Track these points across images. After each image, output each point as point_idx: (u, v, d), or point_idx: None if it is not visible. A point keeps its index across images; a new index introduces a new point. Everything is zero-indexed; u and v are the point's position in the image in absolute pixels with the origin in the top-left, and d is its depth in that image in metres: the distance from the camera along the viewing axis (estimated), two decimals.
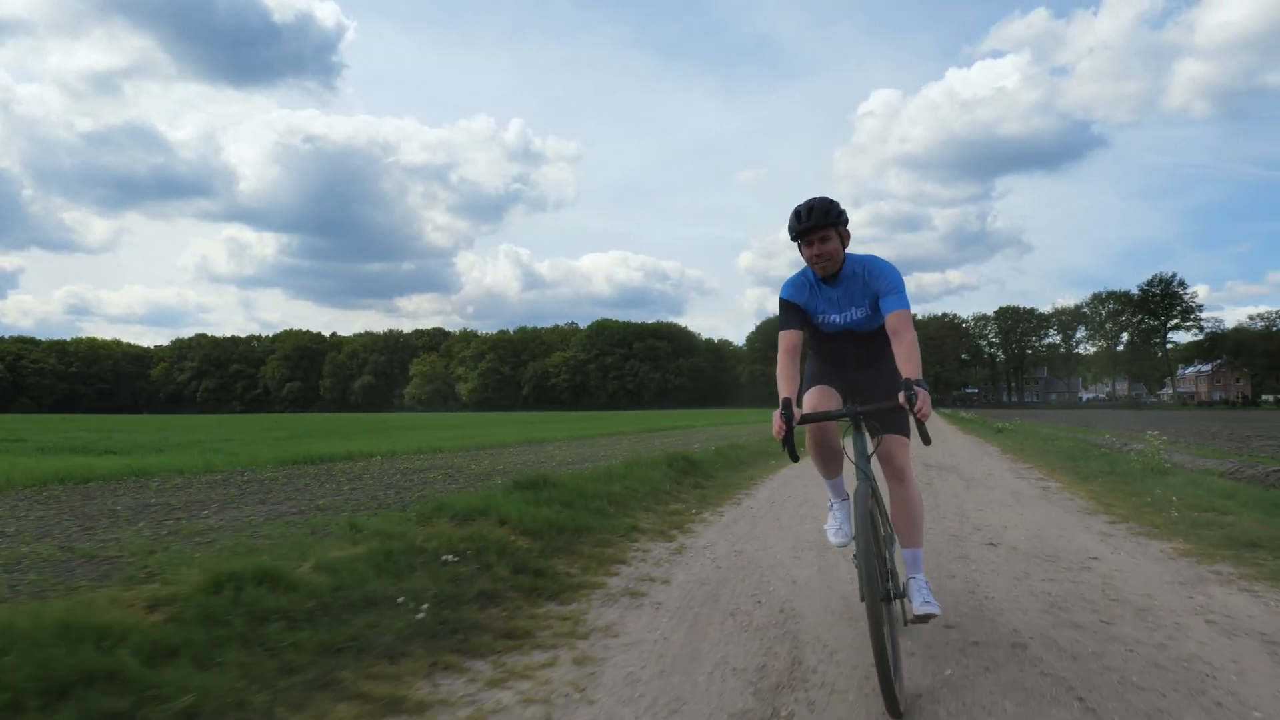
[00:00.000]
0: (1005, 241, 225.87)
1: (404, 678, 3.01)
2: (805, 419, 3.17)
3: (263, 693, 2.70)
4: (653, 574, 5.01)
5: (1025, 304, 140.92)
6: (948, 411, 70.95)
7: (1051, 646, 3.53)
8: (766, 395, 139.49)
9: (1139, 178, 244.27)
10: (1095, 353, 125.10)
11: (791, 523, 7.05)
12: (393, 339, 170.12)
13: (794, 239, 3.41)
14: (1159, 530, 6.58)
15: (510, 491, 6.89)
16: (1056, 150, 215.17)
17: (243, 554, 4.37)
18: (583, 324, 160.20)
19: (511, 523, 5.55)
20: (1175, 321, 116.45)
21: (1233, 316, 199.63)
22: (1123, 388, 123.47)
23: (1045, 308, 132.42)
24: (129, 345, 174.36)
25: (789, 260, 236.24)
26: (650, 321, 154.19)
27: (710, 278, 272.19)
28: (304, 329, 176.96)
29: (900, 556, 3.44)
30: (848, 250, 3.44)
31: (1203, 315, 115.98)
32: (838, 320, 3.50)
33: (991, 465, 13.71)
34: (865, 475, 3.12)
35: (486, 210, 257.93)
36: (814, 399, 3.65)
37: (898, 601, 3.20)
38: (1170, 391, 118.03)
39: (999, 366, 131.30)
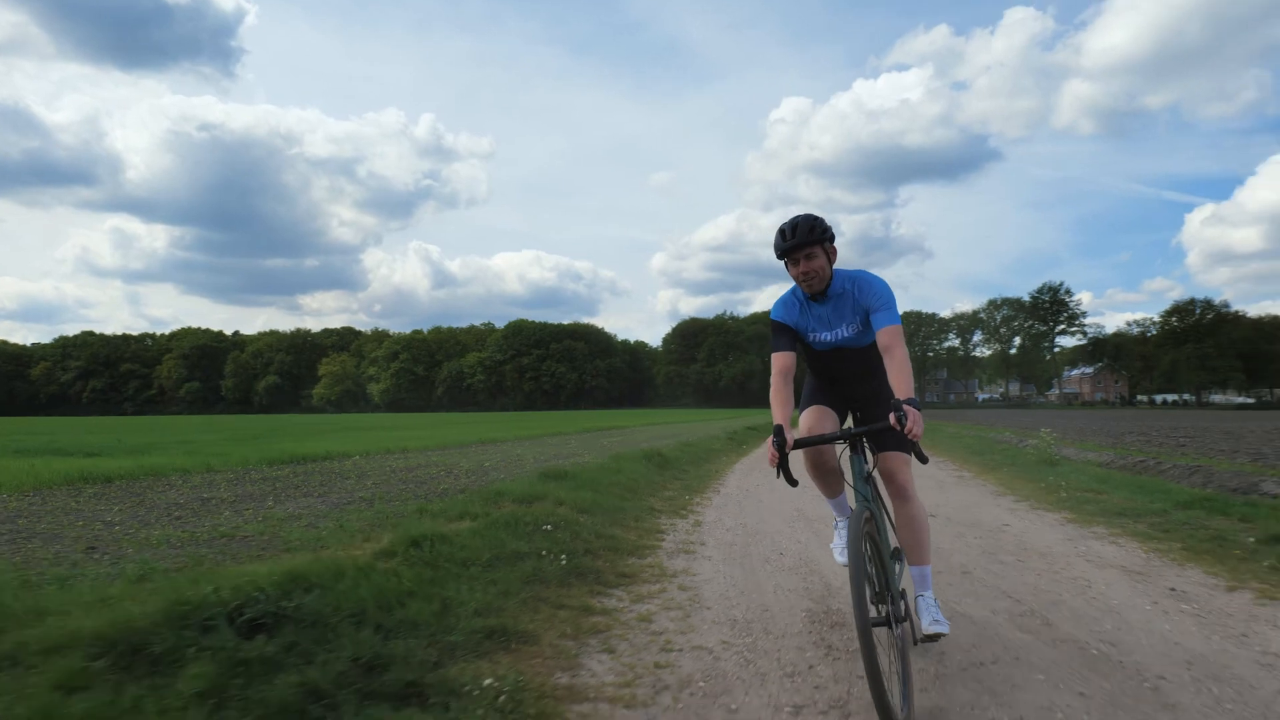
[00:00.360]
0: (908, 248, 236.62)
1: (579, 597, 4.46)
2: (798, 444, 3.08)
3: (507, 603, 4.10)
4: (689, 539, 6.56)
5: (927, 309, 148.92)
6: None
7: (988, 572, 5.25)
8: (681, 395, 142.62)
9: (1030, 190, 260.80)
10: (990, 355, 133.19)
11: (771, 504, 8.70)
12: (300, 338, 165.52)
13: (780, 257, 3.37)
14: (1052, 505, 8.52)
15: (545, 480, 8.29)
16: (956, 161, 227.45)
17: (399, 525, 5.65)
18: (497, 323, 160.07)
19: (567, 503, 6.99)
20: (1062, 327, 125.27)
21: (1112, 322, 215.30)
22: (1015, 388, 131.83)
23: (945, 312, 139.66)
24: (3, 343, 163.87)
25: (701, 263, 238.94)
26: (565, 322, 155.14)
27: (623, 278, 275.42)
28: (198, 326, 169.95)
29: (908, 574, 3.51)
30: (837, 266, 3.42)
31: (1086, 321, 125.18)
32: (828, 338, 3.49)
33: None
34: (863, 498, 3.12)
35: (395, 206, 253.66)
36: (809, 420, 3.64)
37: (905, 622, 3.13)
38: (1057, 392, 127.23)
39: None
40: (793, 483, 3.05)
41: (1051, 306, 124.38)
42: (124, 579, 4.39)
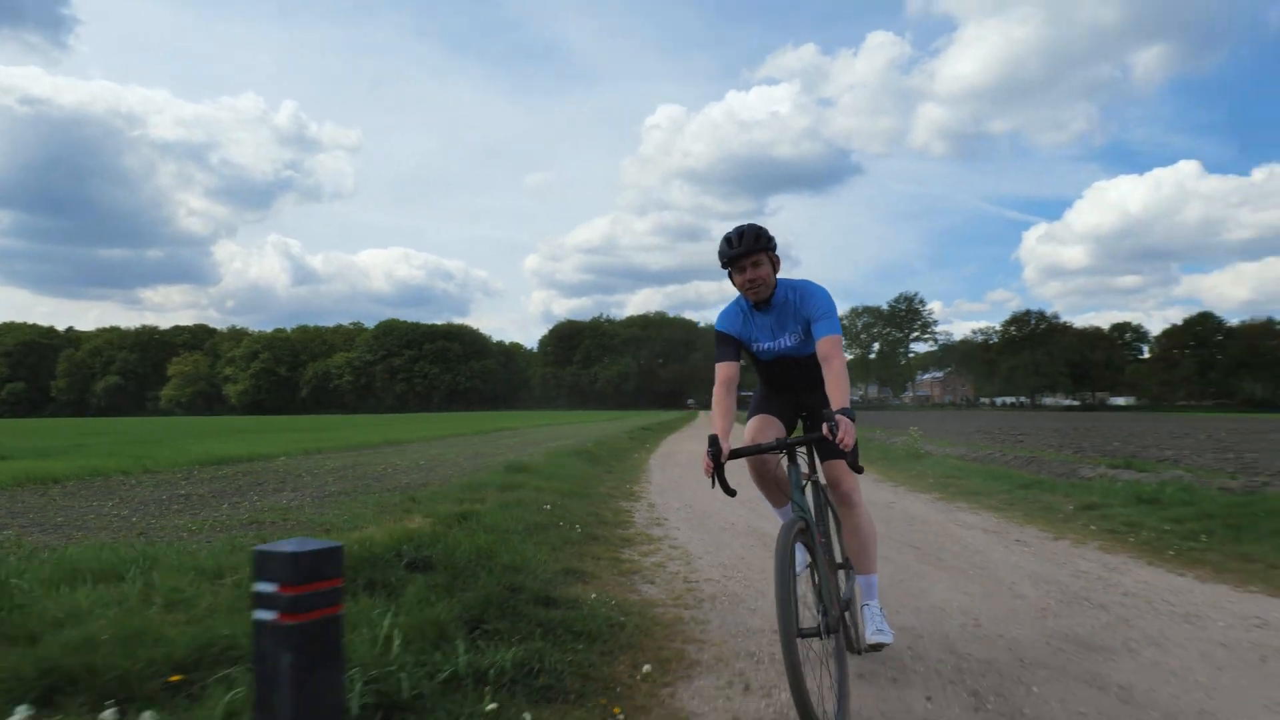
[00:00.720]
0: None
1: (606, 553, 5.87)
2: (734, 454, 3.10)
3: (559, 555, 5.44)
4: (653, 516, 8.04)
5: None
6: None
7: (890, 531, 7.03)
8: (556, 397, 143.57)
9: (889, 204, 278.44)
10: (851, 360, 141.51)
11: (702, 489, 10.28)
12: (146, 335, 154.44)
13: (724, 266, 3.40)
14: (924, 488, 10.55)
15: (513, 473, 9.54)
16: (822, 174, 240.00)
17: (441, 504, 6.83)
18: (367, 323, 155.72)
19: (546, 490, 8.30)
20: (916, 334, 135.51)
21: (960, 330, 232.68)
22: (874, 391, 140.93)
23: None
24: None
25: (575, 265, 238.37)
26: (438, 323, 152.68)
27: (496, 278, 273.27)
28: (17, 320, 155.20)
29: (857, 584, 3.55)
30: (780, 276, 3.45)
31: (937, 329, 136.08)
32: (771, 347, 3.53)
33: None
34: (798, 507, 3.08)
35: (252, 197, 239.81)
36: (753, 429, 3.68)
37: (840, 633, 3.08)
38: (911, 394, 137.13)
39: None
40: (730, 493, 3.09)
41: (907, 315, 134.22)
42: (233, 549, 5.38)
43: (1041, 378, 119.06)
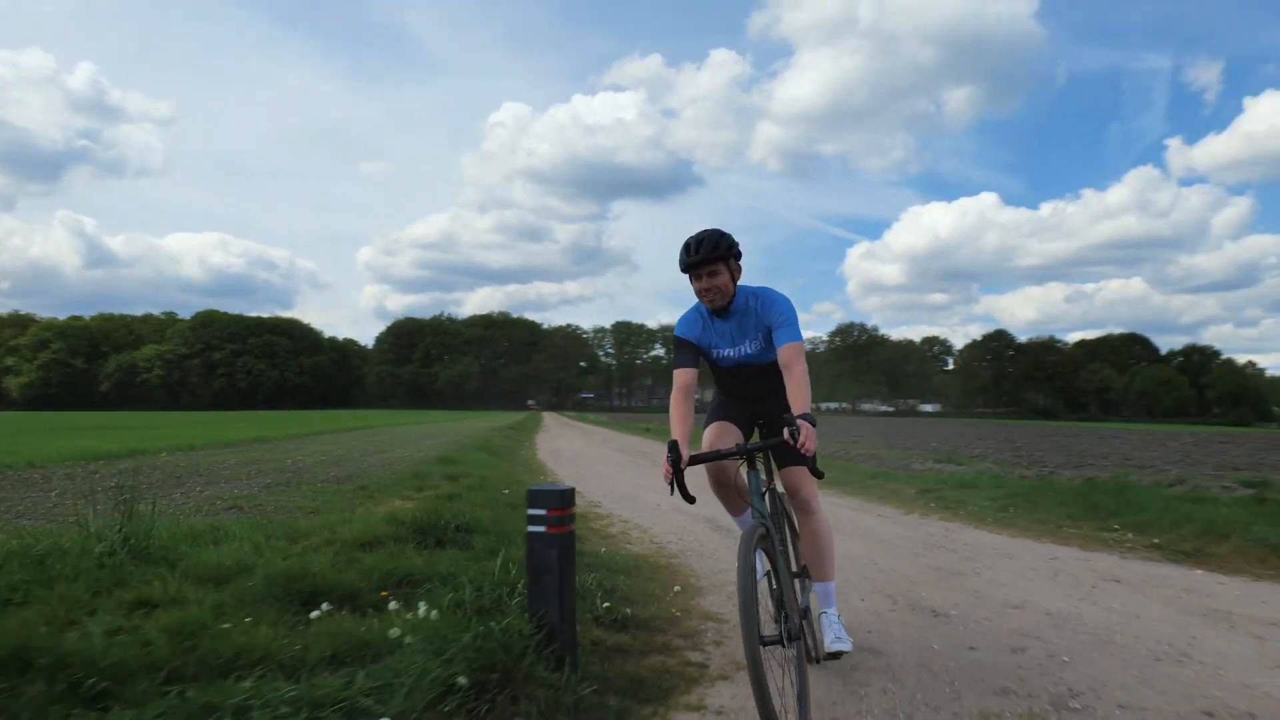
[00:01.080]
0: (617, 260, 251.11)
1: (582, 525, 7.16)
2: (693, 460, 3.07)
3: None
4: (587, 500, 9.41)
5: (634, 319, 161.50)
6: (573, 414, 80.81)
7: None
8: (392, 396, 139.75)
9: (727, 215, 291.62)
10: None
11: (613, 479, 11.73)
12: None
13: (683, 271, 3.37)
14: None
15: (445, 464, 10.58)
16: (663, 182, 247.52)
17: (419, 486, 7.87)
18: (180, 312, 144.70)
19: (489, 478, 9.46)
20: None
21: None
22: (710, 396, 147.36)
23: (651, 323, 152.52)
24: None
25: (411, 260, 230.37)
26: (264, 315, 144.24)
27: (325, 271, 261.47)
28: None
29: (814, 592, 3.54)
30: (741, 282, 3.43)
31: None
32: (731, 354, 3.52)
33: None
34: (758, 513, 3.09)
35: (36, 166, 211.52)
36: (711, 436, 3.68)
37: (801, 640, 3.06)
38: None
39: (612, 374, 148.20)
40: (689, 499, 3.07)
41: None
42: (264, 523, 6.26)
43: (861, 385, 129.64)
